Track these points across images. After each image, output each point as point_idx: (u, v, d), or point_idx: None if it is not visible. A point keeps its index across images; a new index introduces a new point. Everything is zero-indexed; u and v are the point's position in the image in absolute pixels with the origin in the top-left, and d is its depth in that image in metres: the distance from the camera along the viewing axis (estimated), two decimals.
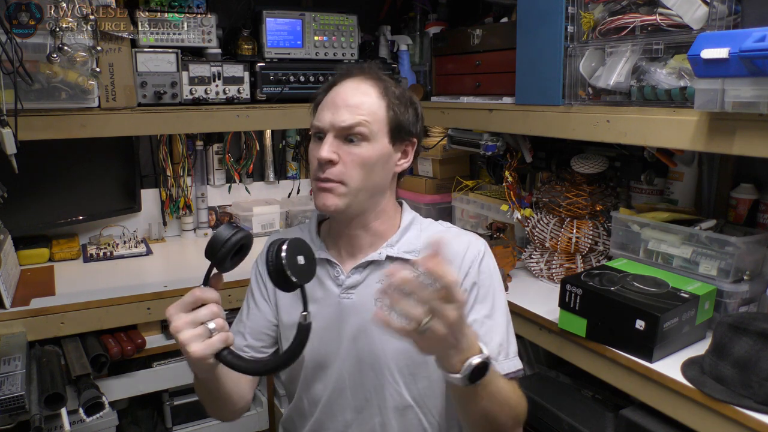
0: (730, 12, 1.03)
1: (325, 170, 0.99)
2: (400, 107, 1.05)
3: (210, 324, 0.84)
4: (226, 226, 0.85)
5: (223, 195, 2.27)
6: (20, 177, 1.28)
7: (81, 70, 1.35)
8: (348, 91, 1.03)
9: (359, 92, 1.03)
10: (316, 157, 1.00)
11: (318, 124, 1.03)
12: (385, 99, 1.03)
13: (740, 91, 0.92)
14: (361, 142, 1.00)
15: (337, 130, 1.00)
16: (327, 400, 1.08)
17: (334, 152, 0.99)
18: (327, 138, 1.00)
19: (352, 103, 1.01)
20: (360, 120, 1.00)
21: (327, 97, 1.04)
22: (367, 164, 1.01)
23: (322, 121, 1.02)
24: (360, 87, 1.03)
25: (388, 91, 1.04)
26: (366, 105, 1.01)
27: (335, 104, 1.01)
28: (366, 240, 1.08)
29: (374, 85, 1.04)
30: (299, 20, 1.77)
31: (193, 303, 0.84)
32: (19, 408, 1.18)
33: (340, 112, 1.00)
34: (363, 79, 1.05)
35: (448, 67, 1.87)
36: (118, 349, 1.52)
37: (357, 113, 1.00)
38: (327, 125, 1.01)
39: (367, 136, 1.00)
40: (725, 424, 0.98)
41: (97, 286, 1.61)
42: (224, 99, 1.67)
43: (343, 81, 1.05)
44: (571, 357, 1.29)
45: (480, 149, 1.72)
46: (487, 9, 1.89)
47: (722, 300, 1.22)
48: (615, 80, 1.23)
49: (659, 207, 1.46)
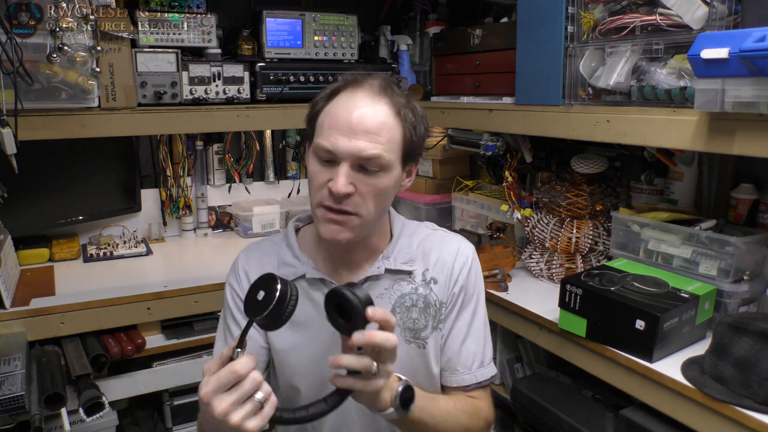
0: (730, 12, 1.03)
1: (342, 202, 0.91)
2: (414, 129, 0.97)
3: (257, 395, 0.76)
4: (283, 281, 0.76)
5: (223, 195, 2.27)
6: (20, 177, 1.28)
7: (81, 70, 1.35)
8: (364, 112, 0.92)
9: (376, 115, 0.92)
10: (331, 188, 0.91)
11: (330, 149, 0.91)
12: (401, 122, 0.95)
13: (740, 91, 0.92)
14: (379, 172, 0.93)
15: (354, 159, 0.91)
16: (333, 425, 1.04)
17: (350, 183, 0.91)
18: (342, 168, 0.90)
19: (371, 129, 0.91)
20: (380, 152, 0.91)
21: (337, 113, 0.93)
22: (382, 194, 0.95)
23: (337, 146, 0.90)
24: (375, 107, 0.93)
25: (403, 112, 0.96)
26: (385, 131, 0.92)
27: (351, 128, 0.90)
28: (362, 255, 1.03)
29: (389, 104, 0.94)
30: (299, 20, 1.77)
31: (232, 380, 0.75)
32: (19, 408, 1.18)
33: (358, 138, 0.90)
34: (377, 97, 0.94)
35: (448, 67, 1.87)
36: (118, 349, 1.52)
37: (377, 141, 0.91)
38: (343, 153, 0.90)
39: (385, 166, 0.93)
40: (725, 424, 0.98)
41: (97, 286, 1.62)
42: (224, 99, 1.67)
43: (352, 92, 0.95)
44: (571, 357, 1.29)
45: (480, 149, 1.72)
46: (487, 9, 1.89)
47: (722, 300, 1.22)
48: (615, 80, 1.23)
49: (659, 207, 1.46)
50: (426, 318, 1.04)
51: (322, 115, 0.95)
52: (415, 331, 1.03)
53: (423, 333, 1.04)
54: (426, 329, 1.04)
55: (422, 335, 1.04)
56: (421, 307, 1.04)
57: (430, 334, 1.05)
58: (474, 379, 1.07)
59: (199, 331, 1.67)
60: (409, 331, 1.03)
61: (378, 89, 0.95)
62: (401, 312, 1.03)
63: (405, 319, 1.03)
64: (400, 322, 1.02)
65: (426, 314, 1.04)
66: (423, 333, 1.04)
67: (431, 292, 1.05)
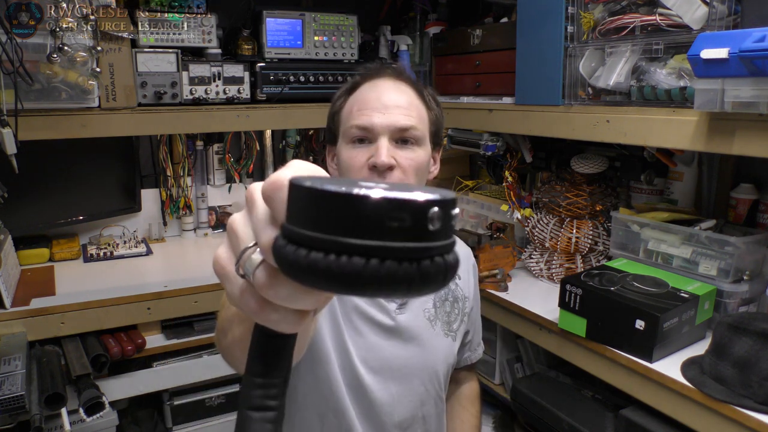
0: (730, 12, 1.03)
1: (386, 177, 0.90)
2: (437, 109, 1.00)
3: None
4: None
5: (224, 195, 2.27)
6: (20, 177, 1.29)
7: (81, 70, 1.35)
8: (391, 92, 0.93)
9: (404, 94, 0.94)
10: (374, 162, 0.89)
11: (366, 125, 0.91)
12: (425, 103, 0.97)
13: (740, 91, 0.93)
14: (415, 146, 0.93)
15: (392, 132, 0.91)
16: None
17: (391, 156, 0.90)
18: (381, 141, 0.90)
19: (402, 104, 0.92)
20: (415, 122, 0.92)
21: (365, 97, 0.94)
22: (421, 170, 0.95)
23: (372, 121, 0.91)
24: (401, 89, 0.95)
25: (425, 94, 0.98)
26: (415, 106, 0.94)
27: (384, 105, 0.92)
28: None
29: (413, 87, 0.97)
30: (299, 20, 1.77)
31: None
32: (19, 408, 1.18)
33: (392, 112, 0.91)
34: (399, 81, 0.96)
35: (448, 67, 1.87)
36: (118, 349, 1.52)
37: (410, 114, 0.92)
38: (380, 127, 0.90)
39: (420, 139, 0.94)
40: (725, 424, 0.98)
41: (97, 286, 1.61)
42: (224, 99, 1.67)
43: (373, 81, 0.96)
44: (571, 357, 1.30)
45: (480, 149, 1.72)
46: (487, 9, 1.89)
47: (722, 300, 1.22)
48: (615, 80, 1.23)
49: (659, 207, 1.46)
50: (457, 311, 1.09)
51: (347, 107, 0.96)
52: (449, 324, 1.07)
53: (455, 325, 1.09)
54: (456, 322, 1.09)
55: (454, 327, 1.08)
56: (451, 300, 1.09)
57: (459, 326, 1.10)
58: (477, 357, 1.22)
59: (199, 331, 1.67)
60: (446, 325, 1.07)
61: (397, 75, 0.97)
62: (440, 306, 1.06)
63: (441, 312, 1.06)
64: (439, 315, 1.06)
65: (456, 308, 1.09)
66: (455, 325, 1.09)
67: (458, 287, 1.11)
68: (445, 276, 0.30)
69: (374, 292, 0.28)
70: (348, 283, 0.28)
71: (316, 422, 0.96)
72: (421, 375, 1.02)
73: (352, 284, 0.28)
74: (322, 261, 0.28)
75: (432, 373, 1.04)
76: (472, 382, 1.25)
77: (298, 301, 0.32)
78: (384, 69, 0.98)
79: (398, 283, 0.28)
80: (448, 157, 2.13)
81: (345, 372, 0.95)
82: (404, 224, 0.28)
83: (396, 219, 0.28)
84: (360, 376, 0.96)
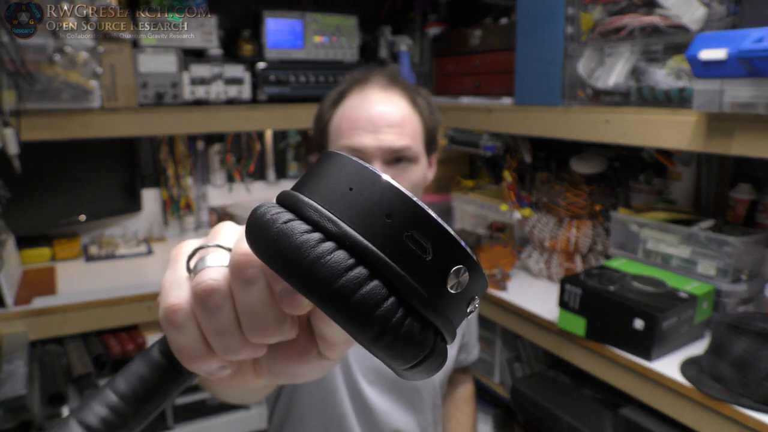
0: (729, 13, 1.03)
1: None
2: (430, 115, 0.96)
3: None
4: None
5: (224, 195, 2.27)
6: (22, 177, 1.29)
7: (82, 70, 1.35)
8: (381, 108, 0.89)
9: (395, 109, 0.90)
10: None
11: (358, 147, 0.88)
12: (417, 111, 0.93)
13: (739, 91, 0.93)
14: (409, 165, 0.91)
15: (385, 153, 0.88)
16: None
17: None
18: (374, 165, 0.85)
19: (394, 122, 0.89)
20: (408, 143, 0.89)
21: (353, 113, 0.90)
22: (416, 188, 0.93)
23: (364, 144, 0.87)
24: (391, 101, 0.91)
25: (417, 100, 0.94)
26: (407, 123, 0.90)
27: (374, 124, 0.88)
28: None
29: (403, 96, 0.92)
30: (300, 21, 1.78)
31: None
32: (20, 407, 1.19)
33: (384, 132, 0.88)
34: (388, 90, 0.92)
35: (447, 67, 1.88)
36: (119, 349, 1.52)
37: (403, 134, 0.89)
38: (372, 149, 0.87)
39: (414, 158, 0.91)
40: (724, 423, 0.98)
41: (98, 285, 1.62)
42: (225, 99, 1.68)
43: (360, 91, 0.92)
44: (570, 356, 1.30)
45: (480, 149, 1.73)
46: (486, 9, 1.90)
47: (721, 299, 1.22)
48: (614, 81, 1.23)
49: (658, 207, 1.47)
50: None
51: (335, 121, 0.92)
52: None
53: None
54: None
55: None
56: None
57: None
58: (473, 359, 1.23)
59: None
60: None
61: (386, 83, 0.93)
62: None
63: None
64: None
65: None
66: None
67: None
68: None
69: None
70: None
71: (320, 430, 0.97)
72: (417, 385, 1.02)
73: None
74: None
75: (428, 382, 1.04)
76: (468, 383, 1.26)
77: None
78: (372, 75, 0.94)
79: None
80: (448, 157, 2.14)
81: (347, 381, 0.97)
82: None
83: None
84: (360, 386, 0.97)
